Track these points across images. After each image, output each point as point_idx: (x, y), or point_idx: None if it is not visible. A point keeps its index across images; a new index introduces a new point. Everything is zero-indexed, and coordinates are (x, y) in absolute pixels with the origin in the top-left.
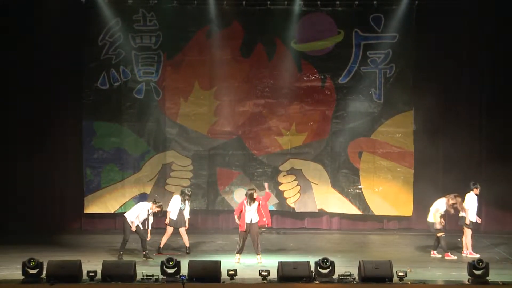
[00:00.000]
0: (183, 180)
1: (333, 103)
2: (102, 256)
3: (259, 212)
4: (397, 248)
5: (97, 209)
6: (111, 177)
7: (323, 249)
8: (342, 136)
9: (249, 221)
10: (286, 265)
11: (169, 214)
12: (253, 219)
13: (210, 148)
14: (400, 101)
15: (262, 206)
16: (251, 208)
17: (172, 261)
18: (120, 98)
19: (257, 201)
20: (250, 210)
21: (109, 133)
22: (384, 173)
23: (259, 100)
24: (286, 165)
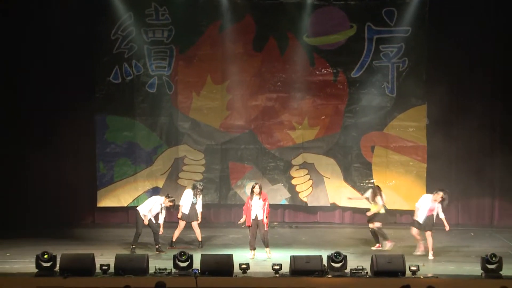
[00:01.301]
0: (195, 174)
1: (346, 97)
2: (115, 249)
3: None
4: (410, 242)
5: (110, 202)
6: (123, 171)
7: (335, 243)
8: (355, 130)
9: (254, 216)
10: (298, 259)
11: (181, 208)
12: (258, 215)
13: (222, 142)
14: (412, 95)
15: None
16: (253, 204)
17: (185, 255)
18: (133, 92)
19: (263, 197)
20: (254, 206)
21: (121, 127)
22: (397, 167)
23: (271, 94)
24: (299, 159)
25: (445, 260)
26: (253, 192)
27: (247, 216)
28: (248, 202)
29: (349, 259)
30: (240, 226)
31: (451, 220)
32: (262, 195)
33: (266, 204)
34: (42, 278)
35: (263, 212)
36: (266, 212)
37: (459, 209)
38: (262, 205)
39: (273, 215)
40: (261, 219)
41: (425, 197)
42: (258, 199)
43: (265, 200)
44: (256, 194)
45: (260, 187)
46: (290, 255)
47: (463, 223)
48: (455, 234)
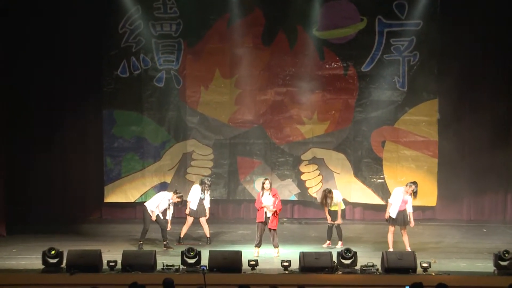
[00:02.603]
0: (203, 169)
1: (356, 92)
2: (122, 245)
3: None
4: (421, 239)
5: (117, 198)
6: (131, 166)
7: (345, 239)
8: (365, 125)
9: (265, 212)
10: (308, 256)
11: (189, 204)
12: (268, 213)
13: (231, 137)
14: (424, 89)
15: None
16: (264, 200)
17: (193, 251)
18: (140, 86)
19: (272, 193)
20: (264, 202)
21: (129, 121)
22: (408, 163)
23: (280, 88)
24: (308, 154)
25: (457, 257)
26: (263, 188)
27: (259, 211)
28: (259, 198)
29: (360, 255)
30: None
31: (463, 216)
32: (272, 191)
33: (277, 200)
34: (48, 275)
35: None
36: (277, 208)
37: (471, 204)
38: (273, 202)
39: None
40: (269, 216)
41: (397, 190)
42: (268, 195)
43: (275, 196)
44: (266, 190)
45: (270, 183)
46: (300, 252)
47: (475, 219)
48: (467, 230)
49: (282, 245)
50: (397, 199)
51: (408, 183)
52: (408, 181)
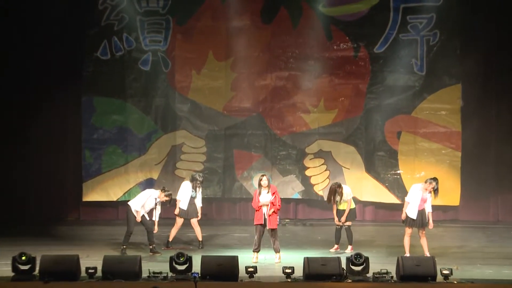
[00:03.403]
0: (195, 164)
1: (368, 76)
2: (103, 250)
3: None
4: (442, 242)
5: (97, 196)
6: (113, 160)
7: (356, 243)
8: (378, 114)
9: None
10: (313, 262)
11: (179, 203)
12: (267, 213)
13: (226, 127)
14: (445, 73)
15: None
16: (261, 199)
17: (183, 257)
18: (124, 70)
19: (271, 191)
20: (263, 201)
21: (111, 110)
22: (427, 156)
23: (282, 72)
24: (314, 147)
25: (482, 263)
26: (261, 186)
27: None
28: (256, 196)
29: (372, 261)
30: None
31: (489, 217)
32: (271, 189)
33: (276, 199)
34: (19, 283)
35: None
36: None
37: (498, 204)
38: (271, 201)
39: (285, 211)
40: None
41: (415, 187)
42: (267, 193)
43: (275, 194)
44: (264, 188)
45: (268, 180)
46: (304, 257)
47: (503, 220)
48: (493, 232)
49: (284, 249)
50: (415, 197)
51: (427, 180)
52: (428, 177)
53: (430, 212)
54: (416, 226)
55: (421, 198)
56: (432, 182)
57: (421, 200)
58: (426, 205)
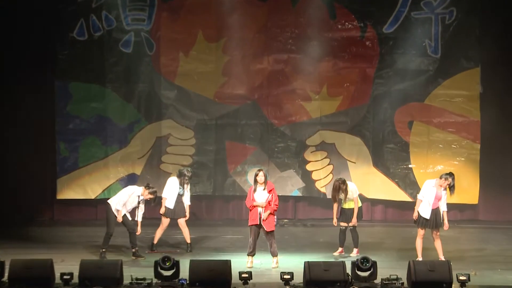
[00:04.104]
0: (183, 157)
1: (376, 59)
2: (79, 254)
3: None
4: (457, 245)
5: (74, 194)
6: (91, 153)
7: (362, 245)
8: (387, 101)
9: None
10: (315, 266)
11: (165, 201)
12: (262, 212)
13: (217, 116)
14: (462, 55)
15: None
16: (257, 197)
17: (169, 261)
18: (103, 52)
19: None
20: (258, 199)
21: (88, 97)
22: (442, 149)
23: (280, 55)
24: (315, 139)
25: (503, 268)
26: (257, 182)
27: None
28: (251, 194)
29: (380, 266)
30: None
31: (511, 217)
32: (268, 185)
33: (273, 198)
34: None
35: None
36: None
37: None
38: (267, 199)
39: (283, 210)
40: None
41: (428, 184)
42: (263, 190)
43: (271, 192)
44: (260, 184)
45: (265, 175)
46: (305, 261)
47: None
48: None
49: (282, 253)
50: (428, 195)
51: (442, 175)
52: (443, 172)
53: (445, 211)
54: (430, 226)
55: (435, 195)
56: (447, 177)
57: (435, 197)
58: (440, 203)
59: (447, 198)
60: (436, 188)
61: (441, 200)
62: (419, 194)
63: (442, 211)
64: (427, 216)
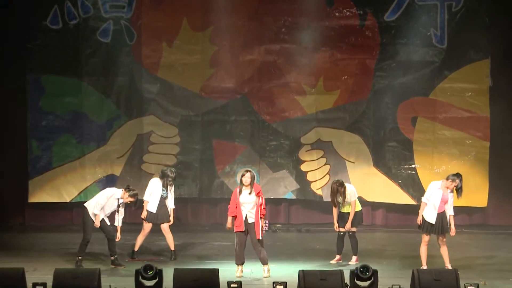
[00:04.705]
0: (166, 156)
1: (376, 49)
2: (53, 262)
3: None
4: (465, 252)
5: (47, 197)
6: (66, 152)
7: (362, 253)
8: (389, 96)
9: (245, 217)
10: (310, 275)
11: (147, 205)
12: (249, 218)
13: (204, 112)
14: (470, 46)
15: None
16: (242, 200)
17: (152, 270)
18: (79, 42)
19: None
20: (244, 203)
21: (63, 91)
22: (448, 147)
23: (272, 45)
24: (311, 136)
25: None
26: (242, 183)
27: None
28: (236, 196)
29: (381, 275)
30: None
31: None
32: (255, 188)
33: (260, 201)
34: None
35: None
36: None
37: None
38: (254, 202)
39: (275, 214)
40: (252, 222)
41: (434, 185)
42: (249, 194)
43: (259, 195)
44: (246, 186)
45: (252, 177)
46: (299, 270)
47: None
48: None
49: (274, 260)
50: (433, 197)
51: (449, 176)
52: (449, 173)
53: (452, 216)
54: (435, 232)
55: (442, 198)
56: (455, 178)
57: (442, 200)
58: (447, 207)
59: (454, 201)
60: (442, 190)
61: (447, 203)
62: (424, 196)
63: (449, 215)
64: (433, 220)
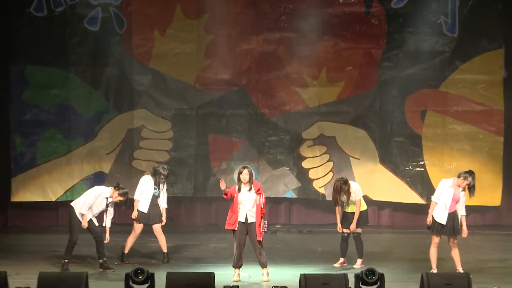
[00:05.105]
0: (158, 153)
1: (383, 38)
2: (38, 265)
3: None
4: (478, 254)
5: (31, 196)
6: (51, 148)
7: (367, 255)
8: (397, 88)
9: (243, 218)
10: (312, 280)
11: (138, 204)
12: (249, 217)
13: (199, 105)
14: (483, 34)
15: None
16: (241, 198)
17: (143, 274)
18: (65, 30)
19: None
20: (244, 200)
21: (48, 82)
22: (460, 143)
23: (272, 34)
24: (313, 131)
25: None
26: (240, 180)
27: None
28: (235, 193)
29: (388, 279)
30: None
31: None
32: (254, 185)
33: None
34: None
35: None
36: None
37: None
38: (255, 200)
39: (275, 214)
40: (252, 222)
41: (444, 184)
42: (248, 191)
43: (259, 193)
44: (245, 184)
45: (250, 174)
46: (300, 274)
47: None
48: None
49: (273, 263)
50: (444, 196)
51: (461, 174)
52: (461, 170)
53: (463, 216)
54: (446, 233)
55: (453, 197)
56: (467, 176)
57: (453, 199)
58: (458, 206)
59: (466, 200)
60: (454, 189)
61: (459, 202)
62: (434, 195)
63: (460, 215)
64: (443, 221)
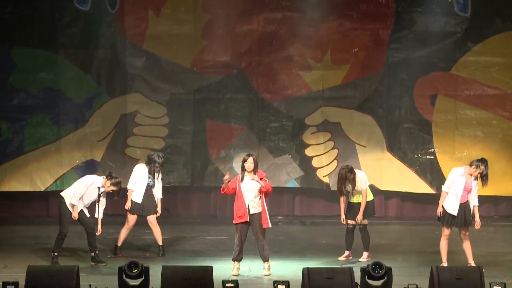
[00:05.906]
0: (153, 140)
1: (391, 18)
2: (26, 258)
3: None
4: (491, 247)
5: (19, 185)
6: (40, 135)
7: (374, 248)
8: (405, 71)
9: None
10: (316, 273)
11: (131, 194)
12: (251, 208)
13: (195, 89)
14: (497, 13)
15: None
16: (244, 187)
17: (137, 267)
18: (54, 10)
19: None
20: (246, 191)
21: (36, 65)
22: (472, 129)
23: (273, 13)
24: (316, 117)
25: None
26: (244, 169)
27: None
28: (237, 183)
29: (396, 273)
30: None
31: None
32: (259, 174)
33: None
34: None
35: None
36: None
37: None
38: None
39: (277, 205)
40: (255, 213)
41: (456, 172)
42: (251, 180)
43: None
44: (249, 172)
45: (255, 161)
46: (303, 268)
47: None
48: None
49: (275, 257)
50: (456, 186)
51: (473, 162)
52: (473, 158)
53: (476, 206)
54: (457, 225)
55: (464, 186)
56: (479, 164)
57: (464, 189)
58: (470, 196)
59: (478, 190)
60: (466, 178)
61: (471, 192)
62: (444, 185)
63: (473, 205)
64: (454, 212)
